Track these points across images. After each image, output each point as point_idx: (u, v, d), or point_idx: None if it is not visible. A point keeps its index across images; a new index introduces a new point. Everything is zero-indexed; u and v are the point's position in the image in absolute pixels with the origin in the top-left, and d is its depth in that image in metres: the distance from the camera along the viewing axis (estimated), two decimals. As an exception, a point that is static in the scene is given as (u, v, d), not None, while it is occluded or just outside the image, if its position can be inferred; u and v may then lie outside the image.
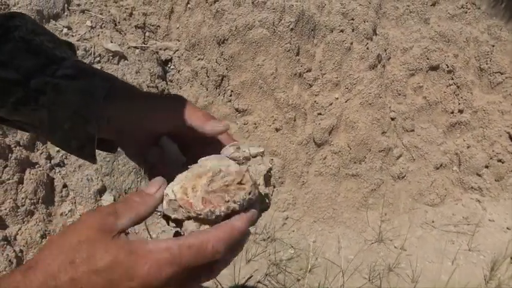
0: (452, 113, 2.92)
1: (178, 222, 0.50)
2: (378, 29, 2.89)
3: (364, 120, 2.74)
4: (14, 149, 2.20)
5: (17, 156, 2.22)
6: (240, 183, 0.49)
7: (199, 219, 0.49)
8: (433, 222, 2.70)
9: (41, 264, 0.42)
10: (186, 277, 0.46)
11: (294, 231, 2.51)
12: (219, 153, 0.56)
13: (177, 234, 0.52)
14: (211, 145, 0.58)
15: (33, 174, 2.28)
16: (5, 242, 2.09)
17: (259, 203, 0.54)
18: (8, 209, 2.14)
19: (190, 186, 0.49)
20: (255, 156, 0.56)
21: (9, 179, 2.16)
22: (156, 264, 0.43)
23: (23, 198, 2.22)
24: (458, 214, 2.75)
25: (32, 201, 2.25)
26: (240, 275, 2.20)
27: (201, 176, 0.49)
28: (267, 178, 0.58)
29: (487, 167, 2.87)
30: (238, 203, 0.49)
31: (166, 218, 0.51)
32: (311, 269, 2.27)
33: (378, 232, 2.55)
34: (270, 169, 0.59)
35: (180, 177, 0.51)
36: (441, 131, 2.93)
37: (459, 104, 2.91)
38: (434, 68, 2.91)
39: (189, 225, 0.49)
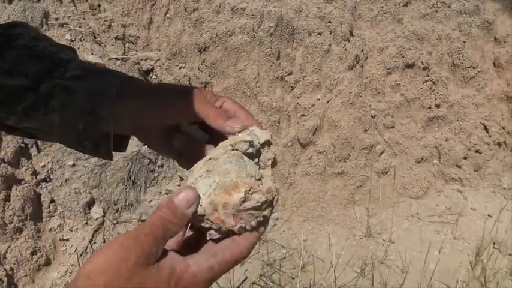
0: (429, 108, 3.02)
1: (205, 229, 0.52)
2: (354, 30, 2.97)
3: (346, 119, 2.81)
4: (-1, 165, 2.17)
5: (2, 173, 2.19)
6: (270, 200, 0.52)
7: (229, 232, 0.50)
8: (418, 214, 2.78)
9: None
10: None
11: (285, 231, 2.55)
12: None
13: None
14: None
15: (19, 190, 2.25)
16: (-5, 261, 2.06)
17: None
18: (-4, 227, 2.11)
19: (221, 204, 0.49)
20: (263, 145, 0.58)
21: (-4, 197, 2.13)
22: (202, 284, 0.47)
23: (10, 216, 2.19)
24: (441, 205, 2.84)
25: (20, 218, 2.22)
26: (235, 277, 2.22)
27: (230, 192, 0.50)
28: (273, 164, 0.60)
29: (465, 158, 2.98)
30: (267, 215, 0.52)
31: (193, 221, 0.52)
32: (304, 266, 2.31)
33: (366, 227, 2.61)
34: (275, 152, 0.60)
35: (202, 187, 0.51)
36: (420, 126, 3.02)
37: (436, 99, 3.01)
38: (410, 66, 3.01)
39: (216, 234, 0.51)
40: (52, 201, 2.42)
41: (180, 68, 2.85)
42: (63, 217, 2.46)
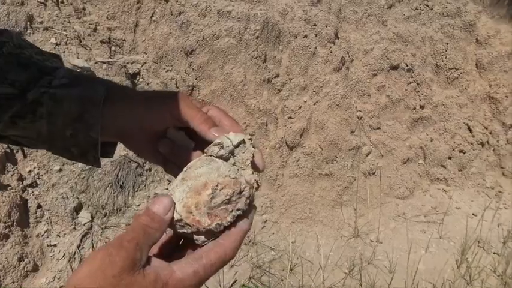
0: (414, 109, 3.07)
1: (187, 234, 0.53)
2: (339, 32, 3.00)
3: (332, 121, 2.83)
4: (-16, 172, 2.15)
5: (-12, 179, 2.16)
6: (240, 192, 0.52)
7: (209, 232, 0.52)
8: (404, 214, 2.82)
9: None
10: None
11: (273, 233, 2.57)
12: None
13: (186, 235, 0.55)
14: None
15: (5, 196, 2.23)
16: (-18, 268, 2.04)
17: (253, 196, 0.57)
18: (-18, 234, 2.08)
19: (193, 205, 0.51)
20: (238, 146, 0.58)
21: (-19, 203, 2.10)
22: None
23: (-3, 222, 2.16)
24: (427, 204, 2.88)
25: (7, 224, 2.20)
26: (224, 280, 2.22)
27: (199, 192, 0.51)
28: (253, 163, 0.60)
29: (450, 158, 3.03)
30: (242, 209, 0.52)
31: (174, 228, 0.53)
32: (292, 268, 2.32)
33: (353, 228, 2.64)
34: (253, 151, 0.60)
35: (177, 194, 0.52)
36: (405, 127, 3.07)
37: (420, 100, 3.06)
38: (394, 68, 3.05)
39: (200, 238, 0.52)
40: (39, 206, 2.40)
41: (167, 71, 2.84)
42: (51, 222, 2.44)
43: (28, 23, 2.62)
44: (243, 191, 0.53)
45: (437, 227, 2.72)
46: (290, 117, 2.82)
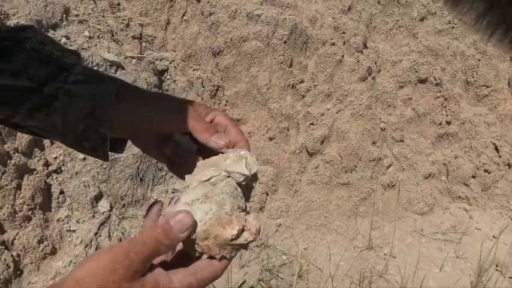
0: (440, 124, 3.01)
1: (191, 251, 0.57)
2: (368, 42, 2.98)
3: (355, 131, 2.82)
4: (12, 155, 2.24)
5: (16, 162, 2.26)
6: (255, 238, 0.57)
7: (212, 257, 0.56)
8: (421, 230, 2.78)
9: None
10: None
11: (286, 238, 2.57)
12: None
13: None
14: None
15: (31, 180, 2.32)
16: (3, 247, 2.13)
17: None
18: (6, 214, 2.17)
19: (214, 235, 0.54)
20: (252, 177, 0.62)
21: (7, 185, 2.20)
22: None
23: (20, 204, 2.25)
24: (446, 222, 2.83)
25: (30, 207, 2.29)
26: (233, 280, 2.24)
27: (224, 226, 0.55)
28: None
29: (474, 177, 2.96)
30: (246, 246, 0.57)
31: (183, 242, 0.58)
32: (302, 274, 2.32)
33: (368, 239, 2.62)
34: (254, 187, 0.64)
35: (200, 214, 0.55)
36: (430, 142, 3.02)
37: (447, 115, 3.00)
38: (422, 81, 3.00)
39: (201, 256, 0.57)
40: (61, 192, 2.48)
41: (194, 70, 2.89)
42: (71, 209, 2.53)
43: (64, 15, 2.71)
44: (255, 233, 0.57)
45: (454, 246, 2.66)
46: (312, 124, 2.82)
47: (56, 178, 2.48)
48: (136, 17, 3.00)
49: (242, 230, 0.55)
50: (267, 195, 2.69)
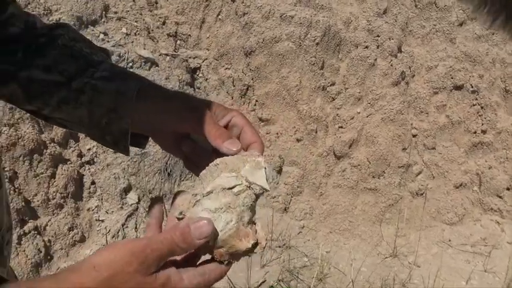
0: (475, 133, 2.92)
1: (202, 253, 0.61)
2: (403, 46, 2.93)
3: (384, 136, 2.78)
4: (48, 145, 2.35)
5: (51, 152, 2.36)
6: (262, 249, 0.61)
7: (221, 261, 0.59)
8: (449, 240, 2.71)
9: None
10: None
11: (309, 240, 2.57)
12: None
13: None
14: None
15: (64, 169, 2.42)
16: (36, 232, 2.23)
17: None
18: (40, 201, 2.28)
19: (229, 245, 0.57)
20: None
21: (42, 173, 2.30)
22: None
23: (54, 192, 2.36)
24: (476, 234, 2.74)
25: (62, 195, 2.39)
26: (254, 279, 2.26)
27: (241, 239, 0.58)
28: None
29: (508, 189, 2.85)
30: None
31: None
32: (322, 277, 2.32)
33: (392, 247, 2.58)
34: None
35: (221, 224, 0.57)
36: (463, 151, 2.93)
37: (482, 124, 2.91)
38: (458, 88, 2.92)
39: (213, 263, 0.60)
40: (93, 183, 2.58)
41: (226, 69, 2.93)
42: (102, 199, 2.62)
43: (103, 12, 2.81)
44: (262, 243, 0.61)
45: (483, 260, 2.58)
46: (341, 127, 2.79)
47: (89, 169, 2.57)
48: (172, 15, 3.06)
49: (256, 244, 0.58)
50: (292, 196, 2.70)
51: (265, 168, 0.61)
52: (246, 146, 0.65)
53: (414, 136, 2.88)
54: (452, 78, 2.91)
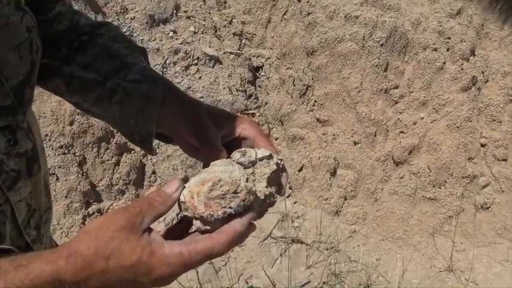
0: (555, 146, 2.66)
1: (188, 218, 0.61)
2: (476, 49, 2.75)
3: (449, 144, 2.63)
4: (115, 134, 2.53)
5: (117, 141, 2.54)
6: (235, 192, 0.58)
7: (202, 220, 0.58)
8: (515, 261, 2.50)
9: (79, 254, 0.53)
10: None
11: (359, 245, 2.51)
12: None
13: (184, 218, 0.63)
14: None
15: (128, 158, 2.59)
16: (98, 214, 2.42)
17: (258, 205, 0.62)
18: (104, 186, 2.47)
19: (196, 192, 0.58)
20: (261, 159, 0.64)
21: (108, 160, 2.49)
22: (170, 266, 0.55)
23: (117, 178, 2.54)
24: (547, 257, 2.51)
25: (125, 182, 2.57)
26: (298, 278, 2.27)
27: (204, 183, 0.58)
28: (271, 179, 0.65)
29: None
30: (234, 209, 0.58)
31: (180, 208, 0.62)
32: (369, 285, 2.26)
33: (449, 261, 2.44)
34: (277, 170, 0.65)
35: (190, 182, 0.60)
36: (539, 165, 2.69)
37: None
38: (538, 96, 2.68)
39: (197, 223, 0.59)
40: (154, 172, 2.73)
41: (287, 68, 2.95)
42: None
43: (174, 11, 2.95)
44: (238, 192, 0.58)
45: (553, 285, 2.36)
46: (402, 132, 2.69)
47: (150, 159, 2.73)
48: (239, 14, 3.14)
49: (220, 184, 0.57)
50: (345, 199, 2.65)
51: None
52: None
53: (483, 146, 2.70)
54: (531, 85, 2.68)
